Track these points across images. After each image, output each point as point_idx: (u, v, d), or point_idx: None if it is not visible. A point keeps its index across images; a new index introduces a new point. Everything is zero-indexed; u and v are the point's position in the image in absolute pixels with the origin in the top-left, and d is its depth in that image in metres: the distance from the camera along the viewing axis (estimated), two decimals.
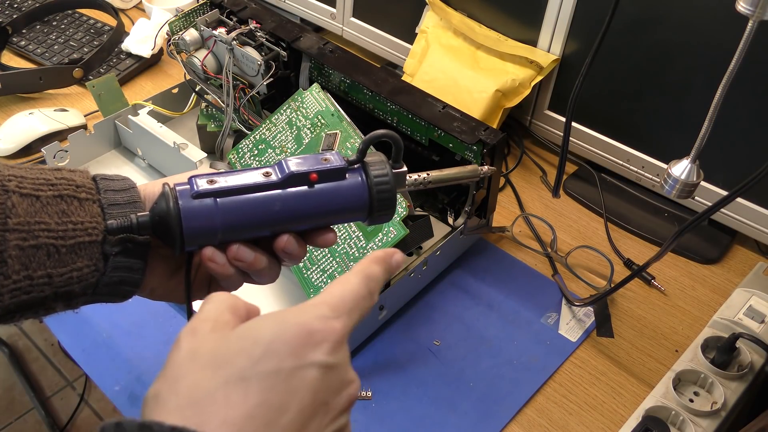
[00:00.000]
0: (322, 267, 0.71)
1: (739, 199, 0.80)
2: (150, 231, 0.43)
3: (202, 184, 0.42)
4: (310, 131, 0.78)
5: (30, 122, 0.97)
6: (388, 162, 0.46)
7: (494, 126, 0.86)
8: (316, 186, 0.44)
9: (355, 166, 0.45)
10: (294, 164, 0.43)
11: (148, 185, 0.46)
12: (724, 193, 0.70)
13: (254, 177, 0.43)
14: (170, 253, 0.47)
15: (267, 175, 0.43)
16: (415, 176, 0.49)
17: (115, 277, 0.43)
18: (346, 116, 0.77)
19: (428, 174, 0.50)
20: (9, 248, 0.39)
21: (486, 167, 0.56)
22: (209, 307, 0.36)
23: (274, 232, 0.44)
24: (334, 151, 0.45)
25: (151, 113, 0.91)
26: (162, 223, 0.42)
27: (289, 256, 0.45)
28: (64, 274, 0.41)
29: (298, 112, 0.80)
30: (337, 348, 0.34)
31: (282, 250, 0.44)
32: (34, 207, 0.40)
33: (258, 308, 0.38)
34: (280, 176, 0.43)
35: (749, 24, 0.50)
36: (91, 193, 0.43)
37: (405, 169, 0.47)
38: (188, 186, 0.42)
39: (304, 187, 0.43)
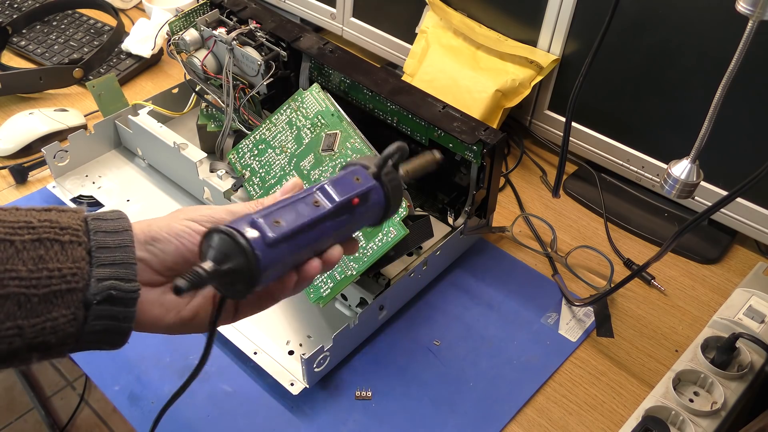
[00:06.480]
0: None
1: (739, 199, 0.80)
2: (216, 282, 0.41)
3: (270, 227, 0.42)
4: (310, 131, 0.78)
5: (30, 122, 0.97)
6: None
7: (494, 126, 0.86)
8: (356, 208, 0.48)
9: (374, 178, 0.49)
10: (338, 192, 0.46)
11: (142, 225, 0.44)
12: (724, 193, 0.70)
13: (309, 210, 0.45)
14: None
15: (316, 204, 0.45)
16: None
17: (98, 326, 0.40)
18: (346, 116, 0.77)
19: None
20: None
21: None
22: None
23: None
24: (357, 167, 0.48)
25: (151, 113, 0.91)
26: (232, 274, 0.41)
27: (332, 265, 0.48)
28: (36, 325, 0.38)
29: (298, 112, 0.80)
30: None
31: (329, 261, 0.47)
32: (6, 253, 0.38)
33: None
34: (330, 205, 0.46)
35: (749, 24, 0.50)
36: (77, 235, 0.40)
37: (402, 173, 0.52)
38: (258, 234, 0.41)
39: (348, 213, 0.47)
